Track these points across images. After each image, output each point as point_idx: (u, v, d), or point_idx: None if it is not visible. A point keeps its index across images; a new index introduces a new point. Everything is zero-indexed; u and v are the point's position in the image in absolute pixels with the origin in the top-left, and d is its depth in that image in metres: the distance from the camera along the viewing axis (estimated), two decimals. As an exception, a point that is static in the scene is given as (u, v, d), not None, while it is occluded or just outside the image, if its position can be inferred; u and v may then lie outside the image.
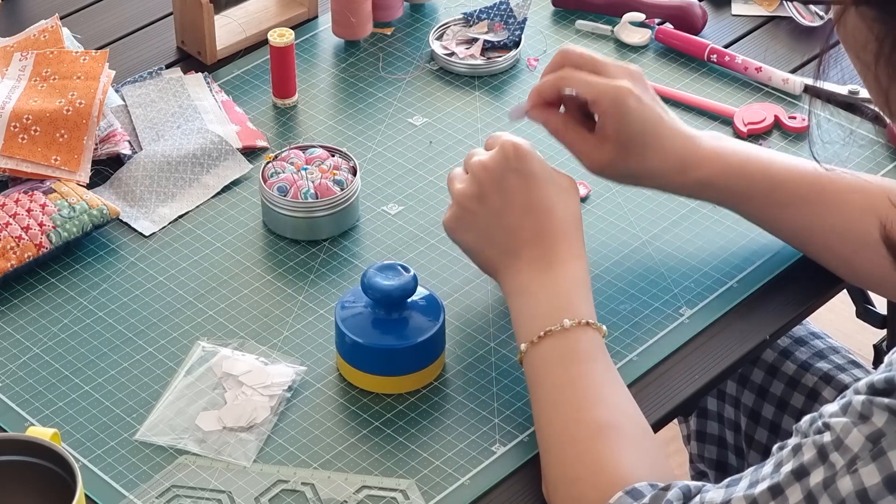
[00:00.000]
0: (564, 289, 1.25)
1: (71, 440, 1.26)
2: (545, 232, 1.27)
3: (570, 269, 1.26)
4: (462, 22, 1.71)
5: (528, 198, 1.27)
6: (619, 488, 1.13)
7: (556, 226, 1.27)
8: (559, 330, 1.23)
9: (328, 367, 1.33)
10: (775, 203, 1.36)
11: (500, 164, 1.28)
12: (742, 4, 1.76)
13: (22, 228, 1.41)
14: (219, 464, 1.24)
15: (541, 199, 1.27)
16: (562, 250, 1.26)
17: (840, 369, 1.56)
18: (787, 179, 1.36)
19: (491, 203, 1.29)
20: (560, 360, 1.22)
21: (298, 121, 1.60)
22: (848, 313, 1.91)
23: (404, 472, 1.23)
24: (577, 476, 1.17)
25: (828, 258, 1.37)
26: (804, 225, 1.36)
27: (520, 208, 1.28)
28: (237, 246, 1.45)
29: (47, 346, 1.35)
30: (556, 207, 1.28)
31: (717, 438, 1.66)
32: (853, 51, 1.02)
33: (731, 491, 1.08)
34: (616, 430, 1.18)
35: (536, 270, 1.26)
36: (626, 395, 1.22)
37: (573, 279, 1.25)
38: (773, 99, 1.61)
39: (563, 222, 1.27)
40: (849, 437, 1.01)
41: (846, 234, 1.34)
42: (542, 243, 1.27)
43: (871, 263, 1.32)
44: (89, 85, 1.53)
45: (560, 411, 1.20)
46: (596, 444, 1.17)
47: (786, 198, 1.35)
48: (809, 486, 1.02)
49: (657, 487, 1.12)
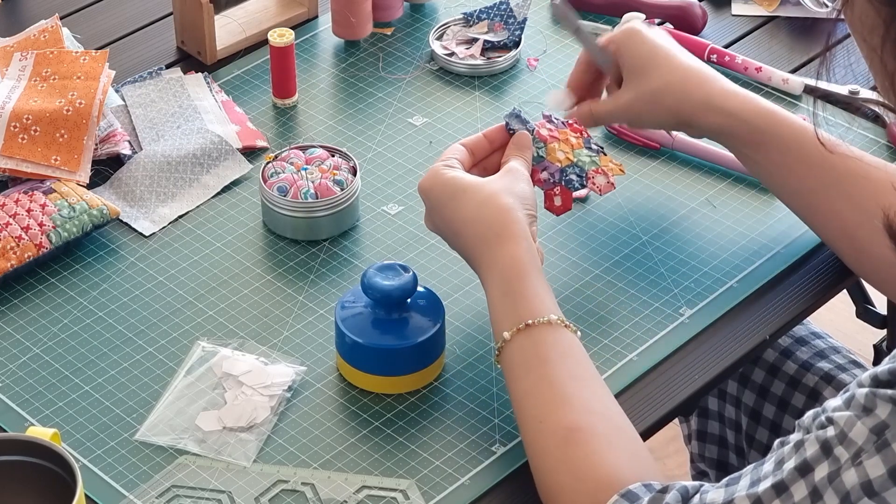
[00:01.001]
0: (516, 291, 1.25)
1: (71, 440, 1.26)
2: (472, 245, 1.29)
3: (504, 274, 1.26)
4: (462, 22, 1.71)
5: (449, 218, 1.30)
6: (604, 491, 1.12)
7: (471, 240, 1.29)
8: (516, 333, 1.22)
9: (328, 367, 1.33)
10: (796, 156, 1.37)
11: (422, 192, 1.33)
12: (742, 4, 1.76)
13: (22, 228, 1.41)
14: (219, 464, 1.24)
15: (454, 219, 1.30)
16: (484, 260, 1.27)
17: (841, 369, 1.56)
18: (808, 137, 1.37)
19: (435, 221, 1.33)
20: (522, 364, 1.22)
21: (298, 121, 1.60)
22: (848, 313, 1.91)
23: (404, 472, 1.23)
24: (559, 486, 1.16)
25: (834, 226, 1.37)
26: (812, 188, 1.35)
27: (449, 229, 1.31)
28: (237, 246, 1.45)
29: (47, 346, 1.35)
30: (466, 224, 1.29)
31: (717, 438, 1.66)
32: (860, 34, 1.02)
33: (733, 490, 1.07)
34: (585, 431, 1.16)
35: (488, 279, 1.27)
36: (595, 394, 1.20)
37: (515, 281, 1.25)
38: (773, 99, 1.61)
39: (476, 234, 1.28)
40: (853, 430, 1.01)
41: (856, 204, 1.33)
42: (475, 254, 1.28)
43: (875, 240, 1.31)
44: (89, 85, 1.53)
45: (526, 422, 1.20)
46: (567, 452, 1.16)
47: (804, 155, 1.36)
48: (814, 482, 1.02)
49: (653, 489, 1.12)
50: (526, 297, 1.24)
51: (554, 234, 1.44)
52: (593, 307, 1.38)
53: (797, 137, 1.37)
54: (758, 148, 1.38)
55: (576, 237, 1.44)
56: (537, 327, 1.22)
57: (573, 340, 1.22)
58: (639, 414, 1.27)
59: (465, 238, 1.29)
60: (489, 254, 1.26)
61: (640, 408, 1.28)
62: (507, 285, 1.25)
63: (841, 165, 1.35)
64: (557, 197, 1.38)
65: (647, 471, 1.15)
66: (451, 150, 1.35)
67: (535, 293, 1.24)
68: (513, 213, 1.27)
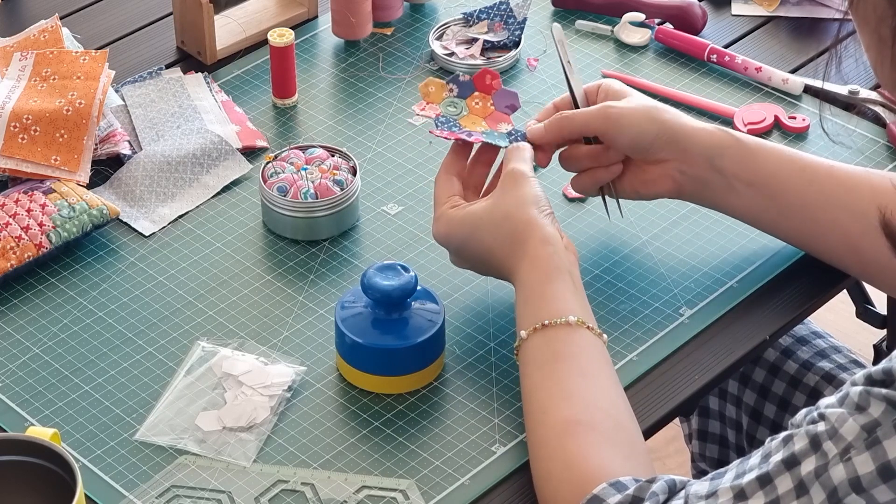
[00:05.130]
0: (538, 295, 1.26)
1: (71, 440, 1.26)
2: (503, 265, 1.30)
3: (529, 279, 1.27)
4: (462, 22, 1.71)
5: (475, 252, 1.32)
6: (591, 482, 1.13)
7: (500, 261, 1.30)
8: (532, 332, 1.24)
9: (328, 367, 1.33)
10: (789, 169, 1.36)
11: (440, 240, 1.34)
12: (742, 4, 1.76)
13: (22, 228, 1.41)
14: (219, 464, 1.24)
15: (480, 250, 1.31)
16: (514, 272, 1.29)
17: (842, 369, 1.56)
18: (800, 156, 1.37)
19: (463, 260, 1.35)
20: (534, 361, 1.23)
21: (298, 121, 1.60)
22: (848, 313, 1.91)
23: (404, 472, 1.23)
24: (549, 474, 1.17)
25: (835, 238, 1.36)
26: (814, 200, 1.35)
27: (479, 261, 1.33)
28: (237, 246, 1.45)
29: (47, 346, 1.35)
30: (492, 252, 1.31)
31: (718, 437, 1.66)
32: (870, 25, 1.01)
33: (717, 483, 1.07)
34: (584, 425, 1.17)
35: (517, 287, 1.29)
36: (602, 391, 1.21)
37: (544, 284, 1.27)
38: (773, 99, 1.61)
39: (504, 254, 1.30)
40: (844, 426, 1.01)
41: (857, 213, 1.33)
42: (507, 272, 1.30)
43: (878, 246, 1.31)
44: (89, 85, 1.53)
45: (530, 414, 1.22)
46: (562, 442, 1.17)
47: (799, 168, 1.36)
48: (801, 475, 1.02)
49: (641, 481, 1.12)
50: (547, 300, 1.25)
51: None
52: (593, 307, 1.37)
53: (789, 152, 1.37)
54: (748, 164, 1.36)
55: (576, 237, 1.44)
56: (554, 327, 1.23)
57: (591, 340, 1.23)
58: (639, 414, 1.27)
59: (496, 261, 1.31)
60: (517, 265, 1.28)
61: (640, 408, 1.28)
62: (531, 290, 1.26)
63: (838, 175, 1.35)
64: None
65: (642, 471, 1.15)
66: (442, 188, 1.35)
67: (559, 295, 1.25)
68: (532, 222, 1.28)
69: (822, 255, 1.38)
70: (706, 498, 1.07)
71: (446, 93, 1.42)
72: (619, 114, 1.36)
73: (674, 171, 1.36)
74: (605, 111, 1.36)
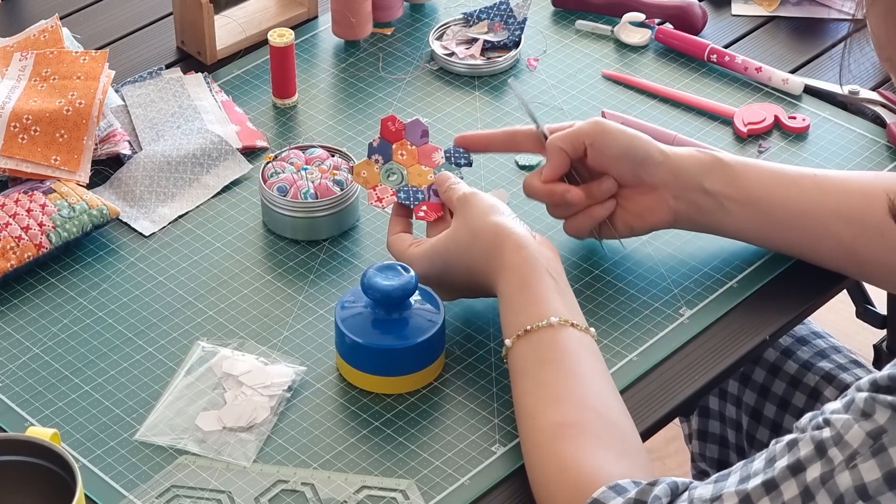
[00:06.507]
0: (517, 300, 1.27)
1: (71, 440, 1.26)
2: (485, 282, 1.31)
3: (507, 286, 1.28)
4: (462, 22, 1.71)
5: (456, 280, 1.33)
6: (587, 484, 1.13)
7: (482, 279, 1.31)
8: (516, 339, 1.25)
9: (328, 367, 1.33)
10: (780, 180, 1.36)
11: (423, 279, 1.33)
12: (742, 4, 1.76)
13: (22, 228, 1.41)
14: (219, 464, 1.24)
15: (457, 277, 1.32)
16: (494, 283, 1.29)
17: (842, 369, 1.56)
18: (783, 169, 1.37)
19: (447, 291, 1.34)
20: (521, 368, 1.24)
21: (298, 121, 1.60)
22: (848, 313, 1.91)
23: (404, 472, 1.23)
24: (544, 478, 1.17)
25: (829, 244, 1.36)
26: (805, 210, 1.35)
27: (465, 287, 1.34)
28: (237, 246, 1.45)
29: (47, 346, 1.35)
30: (471, 273, 1.31)
31: (718, 437, 1.66)
32: (887, 20, 0.99)
33: (721, 486, 1.07)
34: (575, 426, 1.17)
35: (499, 296, 1.29)
36: (592, 390, 1.21)
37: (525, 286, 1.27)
38: (773, 99, 1.61)
39: (482, 272, 1.30)
40: (849, 433, 1.01)
41: (848, 217, 1.33)
42: (490, 286, 1.30)
43: (873, 247, 1.32)
44: (89, 85, 1.53)
45: (522, 419, 1.22)
46: (555, 445, 1.17)
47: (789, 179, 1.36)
48: (806, 481, 1.02)
49: (641, 484, 1.12)
50: (527, 304, 1.25)
51: (554, 234, 1.44)
52: (593, 307, 1.38)
53: (773, 167, 1.38)
54: (734, 184, 1.36)
55: (576, 237, 1.44)
56: (537, 331, 1.23)
57: (576, 338, 1.23)
58: (639, 414, 1.27)
59: (477, 279, 1.31)
60: (496, 277, 1.29)
61: (640, 408, 1.28)
62: (511, 297, 1.27)
63: (823, 183, 1.35)
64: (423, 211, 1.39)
65: (638, 468, 1.15)
66: (396, 245, 1.35)
67: (539, 298, 1.25)
68: (501, 230, 1.29)
69: (819, 261, 1.38)
70: (711, 502, 1.07)
71: (377, 167, 1.41)
72: (610, 125, 1.37)
73: (667, 197, 1.37)
74: (597, 121, 1.38)
